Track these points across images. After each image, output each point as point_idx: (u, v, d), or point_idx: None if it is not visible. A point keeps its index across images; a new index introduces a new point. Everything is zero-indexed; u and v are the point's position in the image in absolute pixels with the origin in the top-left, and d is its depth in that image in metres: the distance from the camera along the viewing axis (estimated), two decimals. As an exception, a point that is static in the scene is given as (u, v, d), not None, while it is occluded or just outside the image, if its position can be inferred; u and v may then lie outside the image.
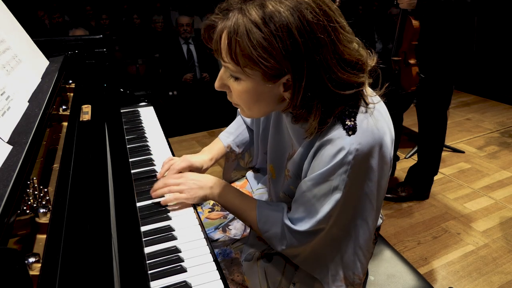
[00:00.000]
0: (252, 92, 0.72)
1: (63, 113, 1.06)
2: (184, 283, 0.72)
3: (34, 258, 0.54)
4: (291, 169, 0.87)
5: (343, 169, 0.71)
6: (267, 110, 0.79)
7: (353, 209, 0.77)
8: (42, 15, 4.53)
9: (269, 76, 0.68)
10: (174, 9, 5.57)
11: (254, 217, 0.88)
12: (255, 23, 0.63)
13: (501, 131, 3.36)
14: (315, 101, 0.69)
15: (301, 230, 0.80)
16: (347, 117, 0.71)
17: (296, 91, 0.68)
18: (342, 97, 0.70)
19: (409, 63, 2.01)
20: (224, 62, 0.70)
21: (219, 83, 0.77)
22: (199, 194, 0.93)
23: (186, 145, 3.24)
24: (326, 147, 0.73)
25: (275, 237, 0.84)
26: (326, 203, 0.75)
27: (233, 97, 0.78)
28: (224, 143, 1.14)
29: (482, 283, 1.76)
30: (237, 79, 0.72)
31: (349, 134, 0.71)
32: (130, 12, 5.18)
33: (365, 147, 0.71)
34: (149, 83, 4.05)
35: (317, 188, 0.76)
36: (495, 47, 4.09)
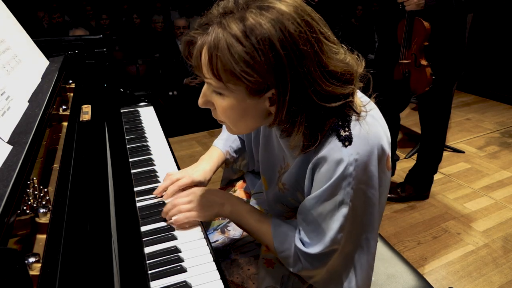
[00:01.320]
0: (237, 107, 0.70)
1: (63, 113, 1.06)
2: (184, 283, 0.72)
3: (34, 258, 0.54)
4: (287, 183, 0.86)
5: (346, 182, 0.70)
6: (254, 126, 0.77)
7: (361, 220, 0.76)
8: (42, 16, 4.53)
9: (253, 91, 0.66)
10: (174, 9, 5.57)
11: (269, 236, 0.84)
12: (235, 37, 0.61)
13: (501, 131, 3.36)
14: (299, 115, 0.67)
15: (313, 253, 0.77)
16: (340, 127, 0.70)
17: (281, 105, 0.66)
18: (327, 110, 0.68)
19: (421, 64, 1.98)
20: (206, 78, 0.68)
21: (203, 100, 0.75)
22: (210, 212, 0.89)
23: (186, 145, 3.24)
24: (324, 162, 0.71)
25: (290, 258, 0.81)
26: (335, 220, 0.73)
27: (218, 114, 0.75)
28: (223, 150, 1.11)
29: (482, 283, 1.76)
30: (221, 94, 0.70)
31: (345, 145, 0.69)
32: (130, 12, 5.18)
33: (364, 156, 0.69)
34: (149, 83, 4.05)
35: (322, 206, 0.74)
36: (495, 47, 4.09)
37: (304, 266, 0.80)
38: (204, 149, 3.15)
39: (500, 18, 3.99)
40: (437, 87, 2.03)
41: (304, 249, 0.78)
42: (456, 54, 1.97)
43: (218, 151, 1.11)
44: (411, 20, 1.93)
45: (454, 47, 1.95)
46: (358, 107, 0.73)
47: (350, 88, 0.70)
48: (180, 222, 0.87)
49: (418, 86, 2.03)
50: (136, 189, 0.99)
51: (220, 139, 1.14)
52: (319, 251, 0.76)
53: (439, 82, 2.01)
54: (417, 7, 1.84)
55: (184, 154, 3.08)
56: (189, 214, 0.87)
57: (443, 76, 2.01)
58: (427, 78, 1.97)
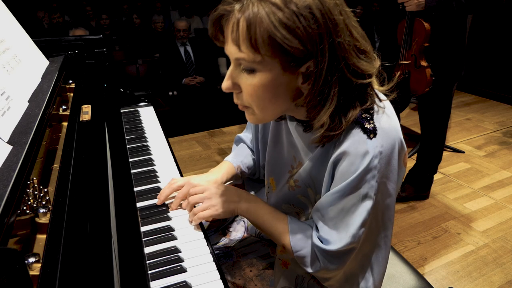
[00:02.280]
0: (269, 85, 0.67)
1: (63, 113, 1.06)
2: (184, 283, 0.72)
3: (34, 258, 0.54)
4: (300, 179, 0.85)
5: (371, 175, 0.69)
6: (281, 110, 0.74)
7: (382, 216, 0.75)
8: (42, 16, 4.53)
9: (288, 66, 0.65)
10: (174, 9, 5.57)
11: (286, 234, 0.82)
12: (275, 5, 0.61)
13: (501, 131, 3.36)
14: (332, 90, 0.66)
15: (333, 250, 0.74)
16: (365, 120, 0.70)
17: (317, 77, 0.65)
18: (356, 89, 0.69)
19: (421, 65, 1.98)
20: (240, 52, 0.65)
21: (229, 82, 0.72)
22: (226, 209, 0.85)
23: (186, 145, 3.24)
24: (348, 155, 0.70)
25: (308, 257, 0.79)
26: (357, 215, 0.72)
27: (244, 97, 0.72)
28: (234, 164, 1.06)
29: (482, 283, 1.76)
30: (252, 71, 0.67)
31: (370, 138, 0.69)
32: (130, 12, 5.18)
33: (387, 149, 0.69)
34: (149, 83, 4.06)
35: (344, 200, 0.72)
36: (495, 47, 4.09)
37: (322, 266, 0.77)
38: (204, 149, 3.16)
39: (500, 18, 3.99)
40: (437, 87, 2.03)
41: (323, 247, 0.76)
42: (456, 54, 1.97)
43: (229, 164, 1.06)
44: (412, 21, 1.92)
45: (454, 48, 1.95)
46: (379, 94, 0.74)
47: (373, 67, 0.70)
48: (194, 223, 0.86)
49: (418, 87, 2.03)
50: (136, 189, 0.99)
51: (232, 154, 1.11)
52: (339, 248, 0.74)
53: (439, 83, 2.01)
54: (418, 7, 1.83)
55: (184, 154, 3.08)
56: (203, 213, 0.85)
57: (443, 77, 2.01)
58: (427, 79, 1.97)
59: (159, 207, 0.93)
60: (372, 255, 0.79)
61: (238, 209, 0.86)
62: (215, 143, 3.25)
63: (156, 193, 0.98)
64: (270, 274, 0.95)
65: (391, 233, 0.80)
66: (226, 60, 4.16)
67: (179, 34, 3.90)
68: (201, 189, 0.88)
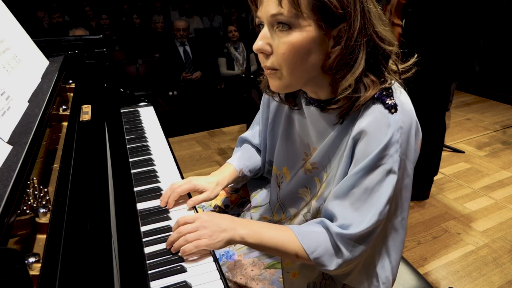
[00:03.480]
0: (302, 44, 0.69)
1: (63, 113, 1.06)
2: (184, 283, 0.72)
3: (34, 258, 0.54)
4: (317, 161, 0.85)
5: (394, 148, 0.70)
6: (308, 76, 0.75)
7: (400, 197, 0.75)
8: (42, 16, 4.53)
9: (326, 23, 0.68)
10: (174, 9, 5.57)
11: (296, 242, 0.78)
12: None
13: (501, 131, 3.36)
14: (362, 52, 0.70)
15: (358, 231, 0.72)
16: (385, 96, 0.72)
17: (349, 37, 0.68)
18: (381, 56, 0.72)
19: (393, 21, 2.03)
20: (280, 6, 0.68)
21: (262, 42, 0.73)
22: (223, 238, 0.78)
23: (186, 145, 3.24)
24: (369, 130, 0.71)
25: (326, 254, 0.76)
26: (383, 191, 0.71)
27: (275, 58, 0.73)
28: (236, 167, 1.04)
29: (482, 283, 1.76)
30: (288, 29, 0.69)
31: (392, 113, 0.70)
32: (130, 12, 5.18)
33: (407, 126, 0.71)
34: (149, 83, 4.06)
35: (369, 177, 0.72)
36: (495, 47, 4.09)
37: (345, 257, 0.75)
38: (204, 149, 3.16)
39: (500, 18, 3.99)
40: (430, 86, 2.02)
41: (347, 232, 0.73)
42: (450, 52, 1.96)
43: (231, 167, 1.04)
44: None
45: (447, 45, 1.95)
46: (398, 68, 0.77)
47: (396, 40, 0.74)
48: (188, 252, 0.77)
49: None
50: (136, 189, 0.99)
51: (234, 157, 1.08)
52: (366, 228, 0.72)
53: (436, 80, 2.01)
54: None
55: (184, 154, 3.08)
56: (198, 242, 0.77)
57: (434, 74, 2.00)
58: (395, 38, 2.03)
59: (159, 207, 0.93)
60: (389, 239, 0.78)
61: (235, 236, 0.79)
62: (215, 143, 3.26)
63: (156, 193, 0.98)
64: (272, 274, 0.95)
65: (407, 216, 0.79)
66: (226, 60, 4.16)
67: (178, 34, 3.90)
68: (191, 218, 0.80)
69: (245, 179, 1.09)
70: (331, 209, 0.78)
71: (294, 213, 0.97)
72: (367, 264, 0.80)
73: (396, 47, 0.75)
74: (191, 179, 0.96)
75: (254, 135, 1.12)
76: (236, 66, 4.15)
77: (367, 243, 0.75)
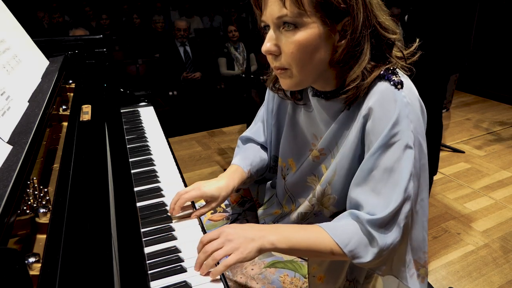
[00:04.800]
0: (310, 41, 0.71)
1: (63, 113, 1.06)
2: (184, 283, 0.72)
3: (34, 258, 0.54)
4: (325, 147, 0.86)
5: (405, 123, 0.71)
6: (317, 71, 0.76)
7: (418, 177, 0.74)
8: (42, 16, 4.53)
9: (330, 19, 0.69)
10: (174, 9, 5.57)
11: (328, 237, 0.74)
12: None
13: (501, 131, 3.36)
14: (367, 44, 0.72)
15: (385, 215, 0.71)
16: (391, 74, 0.73)
17: (354, 30, 0.70)
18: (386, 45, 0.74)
19: None
20: (284, 8, 0.69)
21: (270, 43, 0.74)
22: (252, 248, 0.72)
23: (186, 145, 3.24)
24: (378, 106, 0.73)
25: (361, 244, 0.74)
26: (404, 168, 0.71)
27: (284, 57, 0.74)
28: (245, 169, 1.00)
29: (482, 283, 1.76)
30: (294, 28, 0.70)
31: (398, 89, 0.72)
32: (130, 12, 5.18)
33: (413, 102, 0.73)
34: (149, 83, 4.06)
35: (386, 156, 0.72)
36: (495, 47, 4.09)
37: (379, 244, 0.72)
38: (204, 149, 3.16)
39: (499, 18, 3.99)
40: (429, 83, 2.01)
41: (376, 217, 0.71)
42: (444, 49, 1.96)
43: (239, 169, 0.99)
44: None
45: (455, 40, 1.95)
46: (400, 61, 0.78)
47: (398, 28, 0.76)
48: (219, 272, 0.72)
49: None
50: (136, 189, 0.99)
51: (241, 158, 1.03)
52: (394, 208, 0.71)
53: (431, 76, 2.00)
54: None
55: (184, 154, 3.08)
56: (227, 261, 0.72)
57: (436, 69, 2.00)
58: None
59: (159, 207, 0.93)
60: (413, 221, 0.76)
61: (265, 244, 0.74)
62: (215, 143, 3.25)
63: (156, 193, 0.98)
64: (272, 273, 0.95)
65: (427, 197, 0.78)
66: (226, 60, 4.16)
67: (179, 34, 3.90)
68: (215, 234, 0.75)
69: (252, 180, 1.06)
70: (355, 197, 0.77)
71: (303, 202, 0.95)
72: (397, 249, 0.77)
73: (399, 34, 0.76)
74: (199, 186, 0.92)
75: (257, 133, 1.08)
76: (236, 66, 4.15)
77: (399, 226, 0.72)
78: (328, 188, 0.87)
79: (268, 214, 1.06)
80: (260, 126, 1.08)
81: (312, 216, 0.95)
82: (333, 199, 0.87)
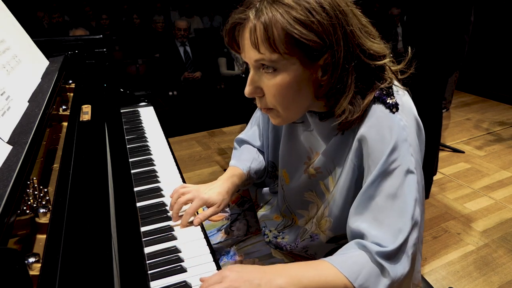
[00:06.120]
0: (291, 82, 0.69)
1: (63, 113, 1.06)
2: (184, 283, 0.72)
3: (34, 258, 0.54)
4: (321, 166, 0.83)
5: (405, 147, 0.68)
6: (304, 106, 0.75)
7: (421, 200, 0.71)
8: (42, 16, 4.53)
9: (307, 61, 0.67)
10: (174, 9, 5.57)
11: (337, 272, 0.69)
12: (288, 5, 0.65)
13: (501, 131, 3.36)
14: (350, 77, 0.69)
15: (396, 247, 0.66)
16: (386, 96, 0.71)
17: (336, 65, 0.67)
18: (373, 71, 0.71)
19: None
20: (260, 53, 0.68)
21: (251, 87, 0.73)
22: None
23: (186, 145, 3.24)
24: (374, 132, 0.70)
25: (371, 276, 0.68)
26: (407, 193, 0.68)
27: (268, 99, 0.73)
28: (244, 170, 0.98)
29: (482, 283, 1.76)
30: (273, 71, 0.69)
31: (393, 112, 0.70)
32: (130, 12, 5.18)
33: (410, 124, 0.70)
34: (149, 83, 4.06)
35: (387, 183, 0.69)
36: (495, 47, 4.09)
37: (391, 276, 0.67)
38: (204, 149, 3.15)
39: (500, 18, 3.99)
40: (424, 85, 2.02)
41: (385, 250, 0.67)
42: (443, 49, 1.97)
43: (239, 170, 0.98)
44: None
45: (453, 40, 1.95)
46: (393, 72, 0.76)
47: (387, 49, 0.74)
48: None
49: None
50: (136, 189, 0.99)
51: (238, 159, 1.01)
52: (405, 238, 0.67)
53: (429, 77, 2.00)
54: None
55: (184, 154, 3.08)
56: None
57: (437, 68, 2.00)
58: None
59: (159, 207, 0.93)
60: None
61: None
62: (215, 143, 3.25)
63: (156, 193, 0.98)
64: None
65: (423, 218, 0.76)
66: (226, 60, 4.16)
67: (179, 33, 3.91)
68: (218, 279, 0.68)
69: (252, 181, 1.04)
70: (357, 228, 0.72)
71: (307, 215, 0.94)
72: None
73: (389, 55, 0.74)
74: (199, 193, 0.90)
75: (253, 137, 1.07)
76: (236, 66, 4.15)
77: (408, 255, 0.68)
78: (326, 210, 0.85)
79: (269, 219, 1.04)
80: (256, 130, 1.07)
81: (308, 238, 0.92)
82: (329, 222, 0.85)
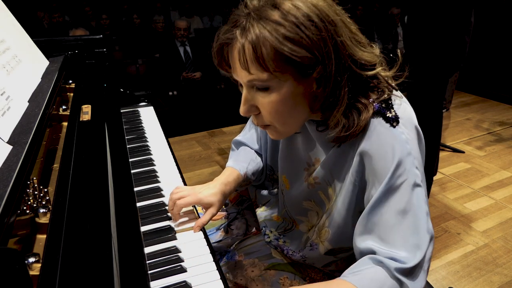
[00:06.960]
0: (286, 98, 0.68)
1: (63, 113, 1.06)
2: (184, 283, 0.72)
3: (34, 258, 0.54)
4: (320, 176, 0.83)
5: (410, 161, 0.67)
6: (301, 120, 0.74)
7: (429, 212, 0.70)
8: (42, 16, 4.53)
9: (300, 76, 0.66)
10: (174, 9, 5.57)
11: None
12: (275, 22, 0.63)
13: (501, 131, 3.36)
14: (343, 89, 0.67)
15: (416, 263, 0.65)
16: (385, 109, 0.70)
17: (328, 78, 0.66)
18: (366, 81, 0.70)
19: None
20: (251, 74, 0.67)
21: (246, 106, 0.72)
22: None
23: (186, 145, 3.24)
24: (376, 148, 0.69)
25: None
26: (417, 207, 0.66)
27: (264, 116, 0.72)
28: (241, 172, 0.97)
29: (482, 283, 1.76)
30: (266, 89, 0.68)
31: (394, 126, 0.69)
32: (130, 12, 5.18)
33: (412, 135, 0.70)
34: (149, 83, 4.06)
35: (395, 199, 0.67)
36: (495, 47, 4.09)
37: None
38: (204, 149, 3.15)
39: (500, 18, 3.99)
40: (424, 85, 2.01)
41: (405, 266, 0.65)
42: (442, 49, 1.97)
43: (235, 172, 0.97)
44: None
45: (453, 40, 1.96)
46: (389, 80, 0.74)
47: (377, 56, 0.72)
48: None
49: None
50: (136, 189, 0.99)
51: (235, 160, 1.01)
52: (425, 253, 0.66)
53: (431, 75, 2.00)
54: None
55: (184, 154, 3.08)
56: None
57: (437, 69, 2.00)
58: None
59: (159, 207, 0.93)
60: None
61: None
62: (215, 143, 3.25)
63: (156, 193, 0.98)
64: (272, 275, 0.95)
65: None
66: (226, 60, 4.16)
67: (179, 33, 3.91)
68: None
69: (249, 182, 1.04)
70: (366, 247, 0.70)
71: (306, 221, 0.93)
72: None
73: (379, 64, 0.72)
74: (195, 192, 0.89)
75: (251, 140, 1.06)
76: (236, 66, 4.14)
77: (424, 270, 0.67)
78: (326, 221, 0.84)
79: (269, 219, 1.03)
80: (254, 134, 1.06)
81: (308, 247, 0.91)
82: (328, 233, 0.84)
